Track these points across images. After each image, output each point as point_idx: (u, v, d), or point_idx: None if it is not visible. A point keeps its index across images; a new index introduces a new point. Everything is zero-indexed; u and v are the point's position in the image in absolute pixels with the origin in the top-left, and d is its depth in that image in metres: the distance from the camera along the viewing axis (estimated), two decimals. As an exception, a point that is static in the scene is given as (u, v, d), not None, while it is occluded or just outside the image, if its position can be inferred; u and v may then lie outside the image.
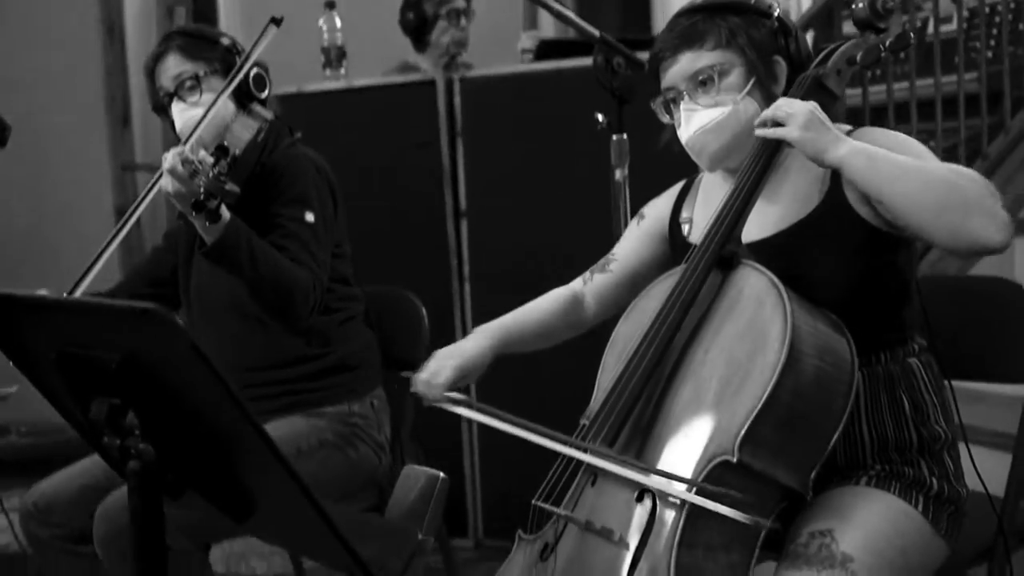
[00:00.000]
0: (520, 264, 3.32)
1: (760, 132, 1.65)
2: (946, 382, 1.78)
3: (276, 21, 2.26)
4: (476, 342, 1.84)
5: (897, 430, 1.71)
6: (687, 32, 1.74)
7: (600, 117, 2.68)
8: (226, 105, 2.29)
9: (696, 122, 1.75)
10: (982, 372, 2.01)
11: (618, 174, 2.66)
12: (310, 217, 2.26)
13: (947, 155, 3.54)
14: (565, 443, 1.63)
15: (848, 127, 1.76)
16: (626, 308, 1.85)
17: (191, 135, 2.22)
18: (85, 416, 1.37)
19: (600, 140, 2.70)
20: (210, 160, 2.03)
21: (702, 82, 1.74)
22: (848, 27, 3.26)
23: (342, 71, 3.45)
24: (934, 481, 1.69)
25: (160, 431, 1.32)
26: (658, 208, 1.97)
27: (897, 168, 1.57)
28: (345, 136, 3.36)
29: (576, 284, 1.99)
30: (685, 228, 1.89)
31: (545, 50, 3.42)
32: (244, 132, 2.25)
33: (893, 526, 1.63)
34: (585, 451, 1.61)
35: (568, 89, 3.14)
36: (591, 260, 2.98)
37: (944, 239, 1.56)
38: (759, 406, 1.51)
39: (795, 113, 1.61)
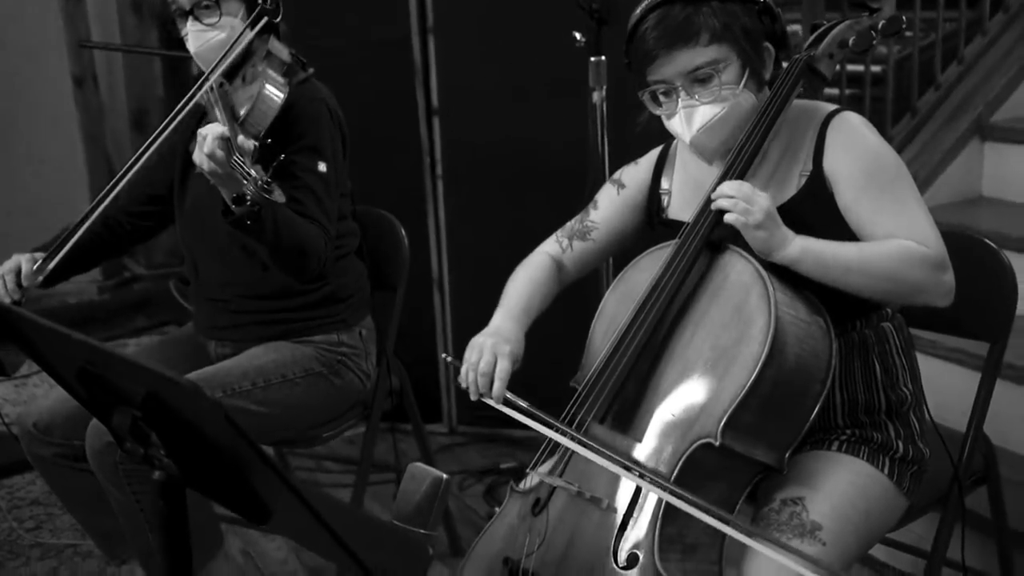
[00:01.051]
0: (493, 162, 3.37)
1: (716, 206, 1.70)
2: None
3: None
4: (513, 328, 1.87)
5: (867, 393, 1.83)
6: (681, 28, 1.73)
7: (578, 36, 2.69)
8: (251, 49, 2.27)
9: (698, 120, 1.77)
10: (946, 326, 2.13)
11: (595, 96, 2.70)
12: (323, 167, 2.27)
13: (923, 53, 3.54)
14: (560, 431, 1.72)
15: (831, 108, 1.80)
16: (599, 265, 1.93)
17: (233, 115, 2.18)
18: (107, 421, 1.43)
19: (579, 52, 2.71)
20: (251, 151, 1.97)
21: (700, 79, 1.76)
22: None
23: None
24: (899, 444, 1.83)
25: (182, 452, 1.38)
26: (637, 178, 2.01)
27: (843, 268, 1.68)
28: (315, 35, 3.31)
29: (554, 250, 2.05)
30: (664, 199, 1.95)
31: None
32: (277, 91, 2.22)
33: (860, 491, 1.76)
34: (578, 441, 1.71)
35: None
36: (564, 162, 3.04)
37: (896, 306, 1.75)
38: (741, 394, 1.61)
39: (753, 210, 1.66)
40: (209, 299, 2.47)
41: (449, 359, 1.88)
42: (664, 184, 1.96)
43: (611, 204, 2.02)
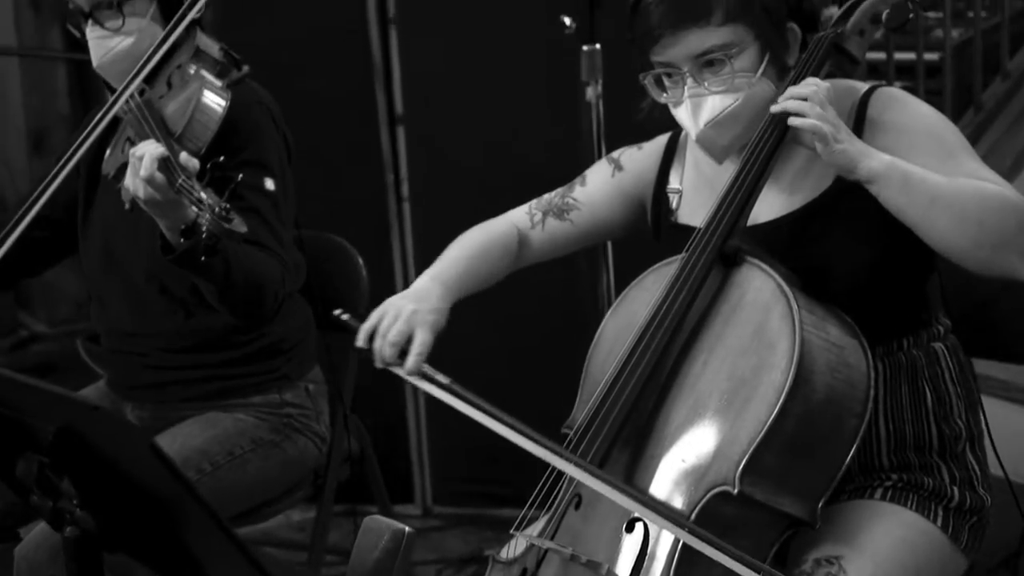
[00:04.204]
0: (468, 177, 3.42)
1: (778, 109, 1.77)
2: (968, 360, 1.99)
3: None
4: (439, 293, 1.93)
5: (916, 426, 1.91)
6: (690, 5, 1.82)
7: (567, 21, 2.78)
8: (176, 47, 2.32)
9: (707, 112, 1.86)
10: (1009, 352, 2.22)
11: (589, 92, 2.79)
12: (270, 184, 2.34)
13: (987, 36, 3.62)
14: (556, 453, 1.76)
15: (867, 85, 1.90)
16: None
17: (167, 129, 2.22)
18: (9, 473, 1.51)
19: (569, 40, 2.80)
20: (196, 171, 2.01)
21: (709, 62, 1.85)
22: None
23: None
24: (955, 490, 1.91)
25: (99, 498, 1.46)
26: (640, 165, 2.10)
27: (929, 197, 1.74)
28: (251, 25, 3.38)
29: (522, 222, 2.12)
30: (673, 200, 2.04)
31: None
32: (218, 98, 2.27)
33: (908, 549, 1.84)
34: (578, 466, 1.75)
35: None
36: (552, 174, 3.11)
37: (972, 268, 1.77)
38: (763, 432, 1.69)
39: (823, 117, 1.72)
40: (121, 352, 2.52)
41: (343, 314, 1.90)
42: (673, 182, 2.04)
43: (602, 185, 2.10)
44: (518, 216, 2.13)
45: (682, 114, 1.89)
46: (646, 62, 1.89)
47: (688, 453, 1.76)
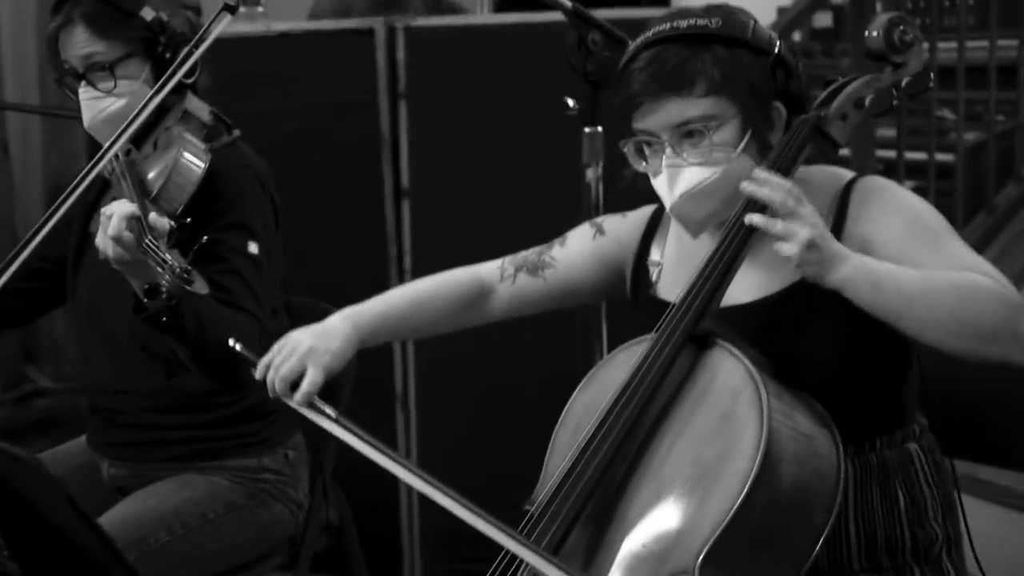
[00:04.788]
0: (472, 253, 3.41)
1: (751, 222, 1.72)
2: (948, 461, 1.93)
3: (230, 8, 2.18)
4: (345, 333, 1.97)
5: (888, 528, 1.86)
6: (673, 73, 1.81)
7: (571, 103, 2.78)
8: (165, 109, 2.32)
9: (683, 183, 1.84)
10: (990, 455, 2.16)
11: (590, 173, 2.77)
12: (253, 248, 2.34)
13: (1002, 140, 3.61)
14: (510, 536, 1.72)
15: (852, 174, 1.87)
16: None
17: (144, 189, 2.22)
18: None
19: (573, 118, 2.80)
20: (166, 232, 2.02)
21: (689, 133, 1.83)
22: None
23: (259, 9, 3.50)
24: (928, 594, 1.85)
25: (27, 549, 1.43)
26: (622, 232, 2.08)
27: (902, 294, 1.69)
28: (261, 94, 3.41)
29: (489, 275, 2.12)
30: (653, 273, 2.01)
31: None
32: (196, 159, 2.27)
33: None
34: (531, 550, 1.70)
35: (536, 47, 3.20)
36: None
37: (962, 357, 1.72)
38: (726, 521, 1.64)
39: (797, 232, 1.66)
40: (99, 409, 2.52)
41: (236, 344, 1.96)
42: (655, 255, 2.02)
43: (581, 248, 2.09)
44: (486, 269, 2.13)
45: (660, 184, 1.87)
46: (628, 129, 1.88)
47: (649, 539, 1.71)
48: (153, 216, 2.05)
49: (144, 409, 2.45)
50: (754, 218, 1.71)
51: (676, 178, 1.84)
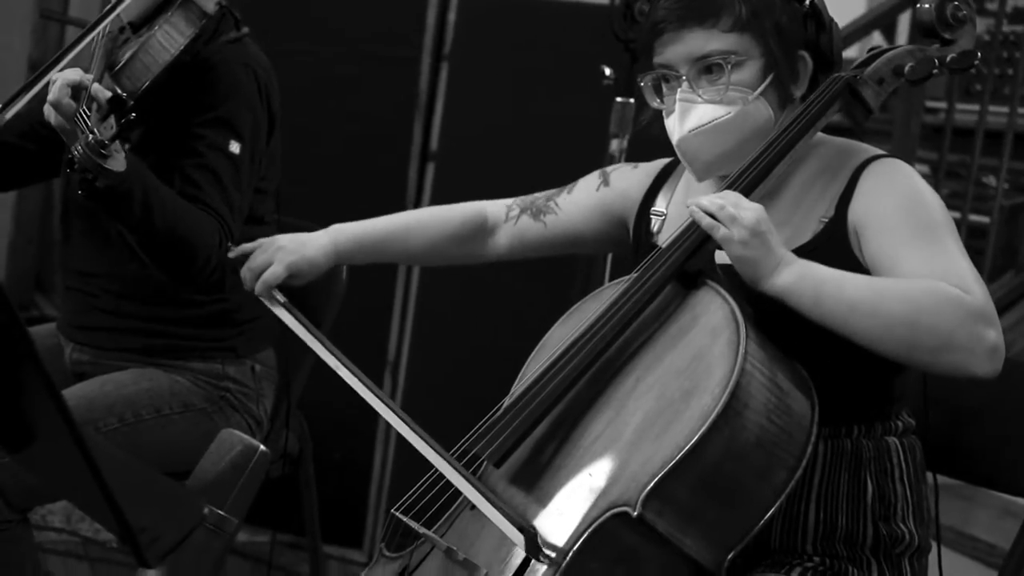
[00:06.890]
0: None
1: (692, 212, 1.65)
2: (929, 474, 1.81)
3: None
4: (323, 245, 1.98)
5: (851, 520, 1.73)
6: (699, 4, 1.73)
7: (607, 71, 2.72)
8: None
9: (693, 119, 1.75)
10: (975, 473, 2.03)
11: (614, 144, 2.71)
12: (235, 147, 2.25)
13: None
14: (438, 453, 1.68)
15: (871, 153, 1.77)
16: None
17: (109, 64, 2.15)
18: None
19: (605, 95, 2.74)
20: (105, 104, 1.96)
21: (708, 68, 1.75)
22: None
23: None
24: (882, 591, 1.72)
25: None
26: (627, 183, 2.00)
27: (847, 306, 1.59)
28: (311, 34, 3.39)
29: (496, 211, 2.07)
30: (655, 223, 1.92)
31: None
32: (169, 44, 2.19)
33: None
34: (460, 475, 1.65)
35: (583, 28, 3.19)
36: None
37: (923, 369, 1.66)
38: (678, 456, 1.53)
39: (740, 218, 1.59)
40: (75, 289, 2.42)
41: (231, 249, 1.99)
42: (659, 204, 1.93)
43: (585, 198, 2.02)
44: (494, 206, 2.07)
45: (671, 122, 1.79)
46: (648, 64, 1.80)
47: (596, 468, 1.60)
48: (96, 87, 1.99)
49: (115, 294, 2.36)
50: (700, 204, 1.65)
51: (687, 113, 1.75)
